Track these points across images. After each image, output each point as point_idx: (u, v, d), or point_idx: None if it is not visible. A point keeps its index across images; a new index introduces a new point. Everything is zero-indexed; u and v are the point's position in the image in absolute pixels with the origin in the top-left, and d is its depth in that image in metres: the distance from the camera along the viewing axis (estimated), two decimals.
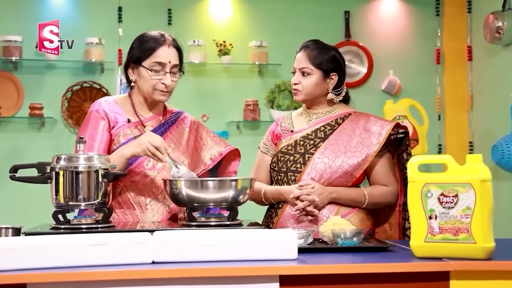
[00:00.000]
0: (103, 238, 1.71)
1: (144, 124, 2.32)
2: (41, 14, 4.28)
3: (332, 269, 1.74)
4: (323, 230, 2.12)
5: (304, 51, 2.49)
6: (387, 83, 4.62)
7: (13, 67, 4.30)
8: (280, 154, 2.46)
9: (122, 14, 4.42)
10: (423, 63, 4.73)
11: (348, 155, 2.39)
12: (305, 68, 2.44)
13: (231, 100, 4.51)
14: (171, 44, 2.30)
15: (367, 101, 4.52)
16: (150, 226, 2.05)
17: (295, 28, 4.55)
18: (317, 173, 2.38)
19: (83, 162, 1.95)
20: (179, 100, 4.46)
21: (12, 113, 4.27)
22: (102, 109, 2.28)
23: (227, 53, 4.46)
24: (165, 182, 2.06)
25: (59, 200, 1.94)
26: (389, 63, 4.68)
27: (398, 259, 1.84)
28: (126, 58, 2.34)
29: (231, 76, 4.57)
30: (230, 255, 1.75)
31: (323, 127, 2.47)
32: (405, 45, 4.73)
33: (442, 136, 4.70)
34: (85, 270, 1.66)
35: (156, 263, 1.73)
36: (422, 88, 4.70)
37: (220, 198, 1.99)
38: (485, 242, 1.75)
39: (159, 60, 2.26)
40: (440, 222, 1.79)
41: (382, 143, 2.41)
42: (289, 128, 2.53)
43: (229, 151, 2.48)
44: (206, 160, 2.42)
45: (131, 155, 2.15)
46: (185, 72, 2.40)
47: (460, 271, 1.74)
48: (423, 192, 1.81)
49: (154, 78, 2.26)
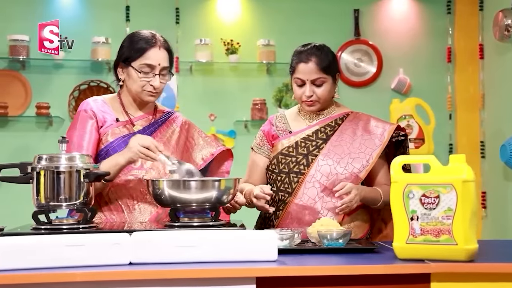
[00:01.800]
0: (80, 239, 1.71)
1: (133, 123, 2.31)
2: (48, 13, 4.32)
3: (309, 271, 1.72)
4: (310, 231, 2.10)
5: (310, 61, 2.37)
6: (396, 82, 4.57)
7: (21, 67, 4.34)
8: (280, 156, 2.43)
9: (129, 13, 4.44)
10: (434, 61, 4.66)
11: (352, 156, 2.36)
12: (319, 79, 2.37)
13: (239, 99, 4.50)
14: (162, 46, 2.28)
15: (376, 100, 4.50)
16: (138, 227, 2.04)
17: (303, 26, 4.52)
18: (323, 175, 2.35)
19: (65, 162, 1.94)
20: (187, 99, 4.49)
21: (19, 112, 4.31)
22: (90, 109, 2.28)
23: (234, 52, 4.45)
24: (148, 183, 2.05)
25: (40, 200, 1.94)
26: (399, 61, 4.63)
27: (380, 261, 1.81)
28: (116, 57, 2.33)
29: (238, 75, 4.55)
30: (208, 256, 1.74)
31: (323, 128, 2.44)
32: (415, 44, 4.67)
33: (453, 136, 4.63)
34: (61, 271, 1.66)
35: (133, 264, 1.73)
36: (432, 87, 4.63)
37: (203, 198, 1.97)
38: (467, 244, 1.71)
39: (148, 62, 2.24)
40: (421, 224, 1.75)
41: (385, 144, 2.39)
42: (286, 128, 2.50)
43: (222, 151, 2.46)
44: (197, 160, 2.41)
45: (126, 162, 2.13)
46: (174, 74, 2.38)
47: (440, 273, 1.71)
48: (405, 193, 1.78)
49: (143, 79, 2.25)
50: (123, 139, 2.23)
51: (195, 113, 4.45)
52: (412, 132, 4.06)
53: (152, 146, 2.08)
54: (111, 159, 2.16)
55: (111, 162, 2.15)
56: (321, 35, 4.50)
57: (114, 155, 2.17)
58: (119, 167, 2.15)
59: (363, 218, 2.42)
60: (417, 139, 4.03)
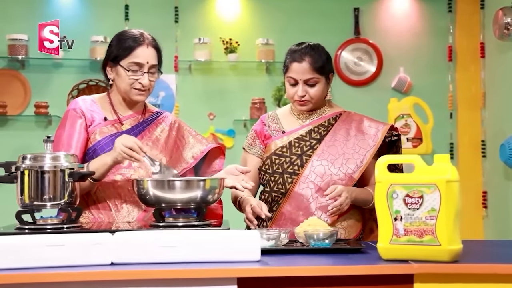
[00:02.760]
0: (61, 239, 1.70)
1: (121, 122, 2.31)
2: (47, 12, 4.33)
3: (291, 271, 1.71)
4: (298, 231, 2.09)
5: (304, 60, 2.36)
6: (396, 81, 4.54)
7: (20, 66, 4.35)
8: (274, 156, 2.42)
9: (129, 12, 4.44)
10: (435, 60, 4.63)
11: (346, 156, 2.35)
12: (312, 79, 2.36)
13: (238, 98, 4.49)
14: (150, 44, 2.28)
15: (376, 99, 4.47)
16: (124, 227, 2.03)
17: (303, 25, 4.51)
18: (317, 176, 2.34)
19: (49, 161, 1.94)
20: (186, 98, 4.48)
21: (19, 112, 4.33)
22: (79, 108, 2.28)
23: (233, 51, 4.44)
24: (133, 182, 2.04)
25: (24, 200, 1.93)
26: (400, 60, 4.60)
27: (364, 262, 1.79)
28: (105, 56, 2.33)
29: (237, 74, 4.54)
30: (190, 256, 1.73)
31: (316, 128, 2.43)
32: (416, 42, 4.63)
33: (454, 135, 4.60)
34: (42, 271, 1.65)
35: (115, 264, 1.72)
36: (433, 86, 4.60)
37: (187, 198, 1.96)
38: (450, 245, 1.69)
39: (137, 60, 2.24)
40: (405, 224, 1.74)
41: (379, 144, 2.38)
42: (279, 128, 2.48)
43: (213, 148, 2.45)
44: (188, 158, 2.40)
45: (113, 162, 2.13)
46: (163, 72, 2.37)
47: (424, 274, 1.69)
48: (389, 193, 1.76)
49: (131, 78, 2.25)
50: (111, 138, 2.23)
51: (194, 112, 4.46)
52: (410, 131, 4.03)
53: (135, 146, 2.07)
54: (99, 159, 2.16)
55: (99, 162, 2.15)
56: (320, 34, 4.49)
57: (103, 155, 2.16)
58: (107, 167, 2.14)
59: (356, 218, 2.40)
60: (415, 139, 4.00)
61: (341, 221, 2.35)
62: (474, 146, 4.52)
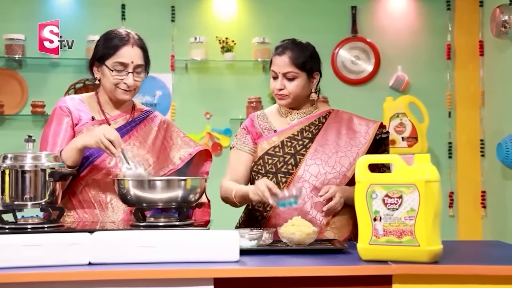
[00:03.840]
0: (38, 238, 1.70)
1: (109, 122, 2.30)
2: (44, 12, 4.35)
3: (268, 272, 1.70)
4: (282, 231, 2.07)
5: (284, 54, 2.36)
6: (394, 80, 4.52)
7: (17, 65, 4.37)
8: (266, 156, 2.40)
9: (125, 11, 4.44)
10: (433, 59, 4.60)
11: (339, 155, 2.35)
12: (290, 73, 2.34)
13: (234, 97, 4.48)
14: (136, 44, 2.27)
15: (374, 98, 4.44)
16: (110, 226, 2.04)
17: (300, 24, 4.49)
18: (311, 175, 2.33)
19: (30, 161, 1.94)
20: (182, 97, 4.48)
21: (16, 111, 4.34)
22: (66, 106, 2.28)
23: (230, 50, 4.43)
24: (114, 182, 2.04)
25: (5, 200, 1.94)
26: (397, 59, 4.57)
27: (343, 262, 1.78)
28: (91, 55, 2.32)
29: (234, 73, 4.53)
30: (168, 256, 1.72)
31: (307, 127, 2.42)
32: (414, 41, 4.60)
33: (453, 134, 4.57)
34: (19, 271, 1.65)
35: (92, 264, 1.72)
36: (431, 85, 4.57)
37: (168, 198, 1.96)
38: (429, 245, 1.68)
39: (121, 60, 2.24)
40: (384, 224, 1.72)
41: (370, 141, 2.37)
42: (269, 127, 2.46)
43: (200, 151, 2.44)
44: (175, 160, 2.39)
45: (83, 145, 2.10)
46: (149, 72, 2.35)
47: (402, 275, 1.68)
48: (368, 193, 1.75)
49: (116, 77, 2.24)
50: None
51: (191, 111, 4.46)
52: (405, 130, 4.01)
53: (116, 141, 2.06)
54: (69, 144, 2.14)
55: (69, 147, 2.13)
56: (317, 33, 4.47)
57: (74, 139, 2.15)
58: (75, 150, 2.11)
59: (349, 217, 2.38)
60: (410, 138, 3.98)
61: (334, 221, 2.34)
62: (473, 145, 4.48)
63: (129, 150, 2.16)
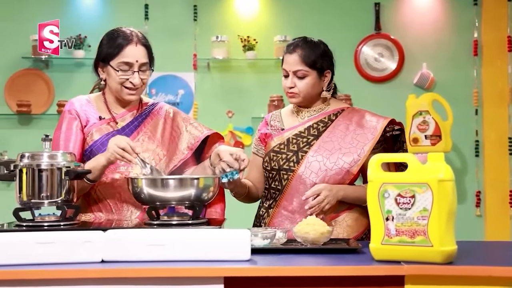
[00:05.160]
0: (52, 236, 1.72)
1: (116, 120, 2.31)
2: (68, 12, 4.42)
3: (278, 271, 1.69)
4: (296, 230, 2.06)
5: (294, 52, 2.37)
6: (419, 77, 4.46)
7: (44, 66, 4.44)
8: (272, 153, 2.40)
9: (148, 11, 4.47)
10: (459, 55, 4.52)
11: (343, 151, 2.32)
12: (301, 71, 2.34)
13: (256, 95, 4.48)
14: (139, 42, 2.26)
15: (397, 96, 4.38)
16: (126, 225, 2.05)
17: (322, 21, 4.46)
18: (312, 172, 2.31)
19: (46, 160, 1.97)
20: (205, 96, 4.50)
21: (43, 110, 4.41)
22: (74, 109, 2.29)
23: (251, 48, 4.43)
24: (127, 181, 2.05)
25: (23, 198, 1.96)
26: (422, 56, 4.51)
27: (355, 262, 1.76)
28: (96, 56, 2.32)
29: (255, 71, 4.53)
30: (179, 255, 1.73)
31: (315, 124, 2.40)
32: (439, 37, 4.54)
33: (480, 132, 4.49)
34: (33, 268, 1.67)
35: (105, 262, 1.73)
36: (457, 82, 4.50)
37: (181, 196, 1.96)
38: (443, 246, 1.65)
39: (126, 60, 2.22)
40: (397, 224, 1.70)
41: (377, 138, 2.33)
42: (280, 126, 2.47)
43: (212, 134, 2.40)
44: (183, 149, 2.36)
45: (106, 162, 2.13)
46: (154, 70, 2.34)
47: (415, 276, 1.65)
48: (380, 192, 1.73)
49: (121, 77, 2.24)
50: (107, 137, 2.23)
51: (213, 110, 4.47)
52: (428, 128, 3.94)
53: (128, 147, 2.06)
54: (94, 159, 2.17)
55: (94, 162, 2.15)
56: (340, 30, 4.45)
57: (98, 155, 2.17)
58: (101, 167, 2.14)
59: (358, 217, 2.36)
60: (434, 136, 3.91)
61: (340, 221, 2.32)
62: (501, 143, 4.40)
63: (139, 146, 2.17)
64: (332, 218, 2.31)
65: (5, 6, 4.43)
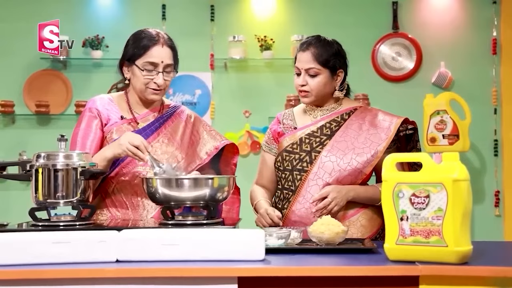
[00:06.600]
0: (67, 236, 1.73)
1: (137, 121, 2.33)
2: (86, 13, 4.45)
3: (292, 271, 1.69)
4: (311, 230, 2.06)
5: (307, 50, 2.37)
6: (437, 76, 4.42)
7: (62, 66, 4.48)
8: (284, 153, 2.40)
9: (165, 11, 4.49)
10: (478, 54, 4.48)
11: (356, 151, 2.31)
12: (313, 69, 2.34)
13: (273, 95, 4.47)
14: (165, 43, 2.30)
15: (415, 95, 4.35)
16: (142, 224, 2.07)
17: (339, 21, 4.44)
18: (325, 172, 2.31)
19: (62, 159, 1.99)
20: (222, 96, 4.51)
21: (61, 111, 4.45)
22: (95, 107, 2.32)
23: (268, 48, 4.42)
24: (142, 181, 2.06)
25: (38, 198, 1.98)
26: (440, 55, 4.47)
27: (370, 262, 1.75)
28: (121, 55, 2.35)
29: (272, 71, 4.53)
30: (193, 255, 1.73)
31: (328, 124, 2.39)
32: (458, 36, 4.49)
33: (499, 131, 4.44)
34: (48, 268, 1.68)
35: (120, 261, 1.74)
36: (476, 81, 4.46)
37: (196, 196, 1.97)
38: (458, 246, 1.63)
39: (151, 60, 2.26)
40: (411, 224, 1.69)
41: (391, 138, 2.32)
42: (292, 125, 2.46)
43: (228, 144, 2.46)
44: (202, 154, 2.40)
45: (112, 156, 2.15)
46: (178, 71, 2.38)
47: (429, 276, 1.64)
48: (395, 192, 1.72)
49: (146, 77, 2.27)
50: None
51: (230, 110, 4.48)
52: (445, 128, 3.91)
53: (142, 146, 2.09)
54: (99, 153, 2.19)
55: (99, 156, 2.17)
56: (357, 29, 4.43)
57: (103, 149, 2.19)
58: (106, 162, 2.16)
59: (372, 216, 2.34)
60: (451, 135, 3.88)
61: (354, 221, 2.31)
62: None
63: (158, 148, 2.18)
64: (346, 218, 2.30)
65: (23, 7, 4.48)
